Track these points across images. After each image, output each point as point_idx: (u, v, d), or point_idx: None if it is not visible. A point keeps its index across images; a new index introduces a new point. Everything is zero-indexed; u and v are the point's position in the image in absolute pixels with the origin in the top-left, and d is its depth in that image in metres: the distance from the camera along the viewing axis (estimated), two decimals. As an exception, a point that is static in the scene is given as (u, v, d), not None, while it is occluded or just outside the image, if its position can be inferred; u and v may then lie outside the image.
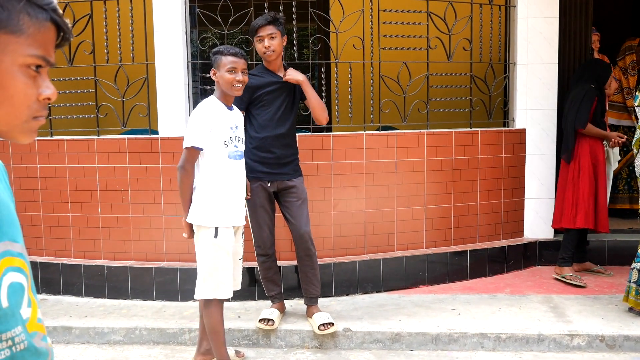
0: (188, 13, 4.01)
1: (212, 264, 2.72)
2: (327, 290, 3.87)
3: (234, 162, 2.78)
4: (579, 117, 3.97)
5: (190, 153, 2.68)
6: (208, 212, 2.71)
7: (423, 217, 4.14)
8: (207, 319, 2.77)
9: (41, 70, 0.83)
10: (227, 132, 2.76)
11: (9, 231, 0.81)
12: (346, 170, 3.95)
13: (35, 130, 0.86)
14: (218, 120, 2.73)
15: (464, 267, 4.22)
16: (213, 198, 2.73)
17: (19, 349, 0.80)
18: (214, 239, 2.70)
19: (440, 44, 4.26)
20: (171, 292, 3.85)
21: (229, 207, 2.76)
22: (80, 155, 3.97)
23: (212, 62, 2.79)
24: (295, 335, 3.32)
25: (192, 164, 2.70)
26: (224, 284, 2.74)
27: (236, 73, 2.73)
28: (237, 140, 2.81)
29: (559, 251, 4.36)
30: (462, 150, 4.25)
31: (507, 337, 3.24)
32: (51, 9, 0.81)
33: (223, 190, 2.74)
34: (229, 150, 2.75)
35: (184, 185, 2.72)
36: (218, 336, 2.76)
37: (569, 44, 4.67)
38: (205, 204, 2.72)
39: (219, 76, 2.75)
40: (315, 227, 3.90)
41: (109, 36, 4.05)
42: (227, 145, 2.75)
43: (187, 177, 2.71)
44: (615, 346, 3.19)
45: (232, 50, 2.75)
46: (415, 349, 3.22)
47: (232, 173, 2.77)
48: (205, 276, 2.74)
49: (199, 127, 2.68)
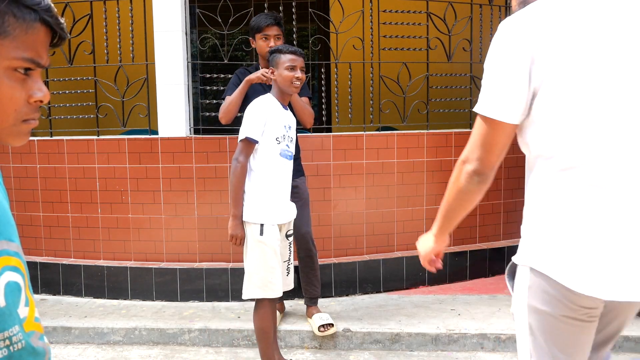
0: (188, 13, 4.01)
1: (259, 262, 2.65)
2: (326, 291, 3.87)
3: (284, 160, 2.74)
4: None
5: (246, 145, 2.63)
6: (255, 209, 2.65)
7: (423, 218, 4.14)
8: (256, 319, 2.72)
9: (31, 72, 0.82)
10: (281, 129, 2.72)
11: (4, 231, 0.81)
12: (346, 171, 3.95)
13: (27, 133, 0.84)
14: (273, 116, 2.70)
15: (464, 267, 4.21)
16: (261, 195, 2.67)
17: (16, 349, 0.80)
18: (259, 236, 2.63)
19: (440, 45, 4.27)
20: (171, 293, 3.85)
21: (276, 205, 2.71)
22: (80, 155, 3.97)
23: (270, 61, 2.78)
24: (295, 335, 3.32)
25: (247, 157, 2.64)
26: (272, 282, 2.66)
27: (295, 71, 2.73)
28: (289, 139, 2.78)
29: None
30: (462, 150, 4.23)
31: (507, 338, 3.24)
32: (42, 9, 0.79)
33: (272, 187, 2.70)
34: (281, 148, 2.71)
35: (236, 178, 2.63)
36: (267, 337, 2.71)
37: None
38: (252, 200, 2.66)
39: (278, 74, 2.73)
40: (315, 227, 3.89)
41: (109, 36, 4.05)
42: (280, 142, 2.71)
43: (241, 170, 2.62)
44: (615, 346, 3.19)
45: (291, 49, 2.76)
46: (414, 349, 3.22)
47: (281, 171, 2.73)
48: (251, 275, 2.67)
49: (255, 120, 2.63)
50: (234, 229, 2.65)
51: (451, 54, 4.29)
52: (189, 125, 3.96)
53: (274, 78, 2.76)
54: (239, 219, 2.65)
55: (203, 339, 3.36)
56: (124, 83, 4.01)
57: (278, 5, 3.96)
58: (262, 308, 2.70)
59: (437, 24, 4.21)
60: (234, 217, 2.64)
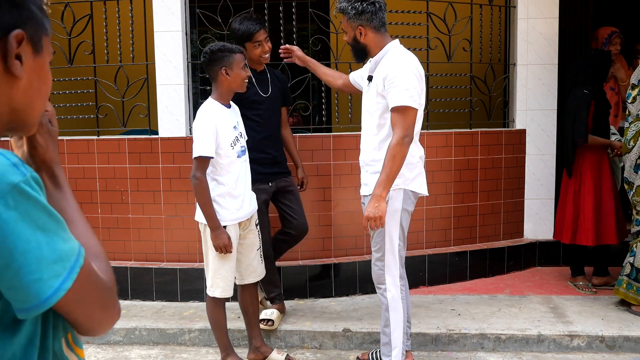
0: (188, 13, 4.01)
1: (217, 262, 2.76)
2: (327, 291, 3.88)
3: (242, 158, 2.81)
4: (577, 130, 3.73)
5: (200, 162, 2.66)
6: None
7: (423, 218, 4.14)
8: (207, 311, 2.89)
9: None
10: (231, 132, 2.76)
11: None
12: (346, 171, 3.95)
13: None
14: (222, 124, 2.72)
15: (464, 267, 4.21)
16: (221, 198, 2.74)
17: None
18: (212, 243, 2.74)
19: (440, 45, 4.26)
20: (171, 293, 3.85)
21: (237, 204, 2.78)
22: (80, 155, 3.97)
23: (218, 61, 2.70)
24: (295, 335, 3.32)
25: (203, 172, 2.67)
26: (225, 282, 2.79)
27: (246, 69, 2.77)
28: (240, 136, 2.83)
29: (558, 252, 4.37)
30: (462, 150, 4.25)
31: (507, 338, 3.24)
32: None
33: (233, 188, 2.76)
34: (236, 150, 2.77)
35: (200, 195, 2.67)
36: (219, 326, 2.89)
37: (569, 44, 4.67)
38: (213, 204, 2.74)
39: (234, 74, 2.71)
40: (315, 227, 3.90)
41: (109, 36, 4.05)
42: (234, 145, 2.76)
43: (200, 185, 2.66)
44: (615, 347, 3.19)
45: (240, 48, 2.79)
46: (415, 349, 3.21)
47: (241, 169, 2.80)
48: (213, 274, 2.80)
49: (205, 136, 2.65)
50: (217, 240, 2.70)
51: (451, 54, 4.29)
52: (189, 125, 3.96)
53: (223, 80, 2.72)
54: (219, 229, 2.70)
55: (203, 339, 3.36)
56: (124, 83, 4.01)
57: (278, 5, 3.96)
58: (215, 303, 2.84)
59: (437, 24, 4.21)
60: (213, 229, 2.69)
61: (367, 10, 2.62)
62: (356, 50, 2.74)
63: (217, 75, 2.73)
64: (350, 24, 2.67)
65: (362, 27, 2.64)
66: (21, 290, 0.69)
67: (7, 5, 0.75)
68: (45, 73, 0.84)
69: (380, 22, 2.68)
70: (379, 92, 2.62)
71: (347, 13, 2.65)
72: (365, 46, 2.69)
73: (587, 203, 3.82)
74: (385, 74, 2.58)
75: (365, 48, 2.70)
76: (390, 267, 2.69)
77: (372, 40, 2.67)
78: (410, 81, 2.56)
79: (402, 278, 2.74)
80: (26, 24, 0.78)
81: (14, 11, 0.77)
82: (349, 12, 2.64)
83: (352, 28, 2.67)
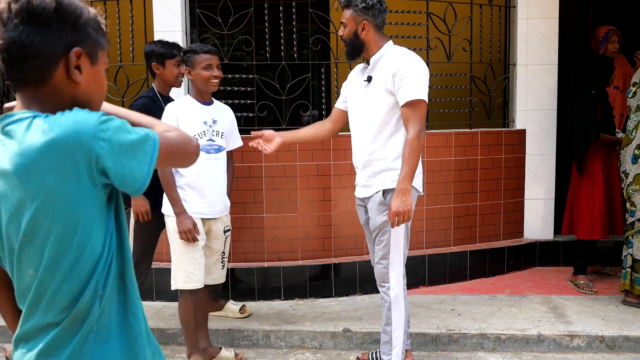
0: (188, 13, 4.01)
1: (181, 254, 2.78)
2: (327, 291, 3.88)
3: (208, 155, 2.82)
4: (589, 131, 3.82)
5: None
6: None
7: (423, 218, 4.14)
8: (179, 309, 2.88)
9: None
10: (200, 126, 2.80)
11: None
12: (346, 171, 3.95)
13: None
14: (187, 115, 2.78)
15: (464, 267, 4.21)
16: (184, 190, 2.79)
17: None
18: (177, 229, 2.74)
19: (440, 45, 4.26)
20: (171, 293, 3.82)
21: (200, 199, 2.81)
22: (80, 155, 3.96)
23: (185, 62, 2.84)
24: (295, 335, 3.32)
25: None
26: (194, 274, 2.79)
27: (212, 69, 2.80)
28: (213, 134, 2.84)
29: (558, 252, 4.36)
30: (462, 150, 4.25)
31: (507, 338, 3.24)
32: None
33: (195, 182, 2.79)
34: (201, 144, 2.78)
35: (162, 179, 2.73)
36: (188, 325, 2.86)
37: (569, 44, 4.67)
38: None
39: (195, 74, 2.80)
40: (315, 227, 3.90)
41: (109, 36, 4.04)
42: (200, 138, 2.79)
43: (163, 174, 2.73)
44: (615, 347, 3.19)
45: (205, 48, 2.82)
46: (415, 349, 3.21)
47: (205, 165, 2.80)
48: (175, 266, 2.82)
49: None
50: (181, 225, 2.72)
51: (451, 54, 4.29)
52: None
53: (190, 78, 2.82)
54: (184, 213, 2.73)
55: (203, 339, 3.35)
56: (124, 83, 4.01)
57: (278, 6, 3.96)
58: (183, 298, 2.84)
59: (437, 24, 4.21)
60: (178, 214, 2.73)
61: (376, 7, 2.62)
62: (353, 46, 2.69)
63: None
64: (355, 17, 2.64)
65: (366, 22, 2.63)
66: (130, 175, 1.01)
67: (69, 29, 1.03)
68: (101, 78, 1.12)
69: (382, 22, 2.69)
70: (386, 88, 2.60)
71: (355, 5, 2.62)
72: (364, 43, 2.66)
73: (601, 199, 3.91)
74: (395, 70, 2.56)
75: (362, 45, 2.67)
76: (394, 266, 2.70)
77: (372, 38, 2.66)
78: (422, 75, 2.59)
79: (403, 277, 2.75)
80: (84, 42, 1.06)
81: (75, 34, 1.04)
82: (357, 5, 2.62)
83: (355, 22, 2.64)
